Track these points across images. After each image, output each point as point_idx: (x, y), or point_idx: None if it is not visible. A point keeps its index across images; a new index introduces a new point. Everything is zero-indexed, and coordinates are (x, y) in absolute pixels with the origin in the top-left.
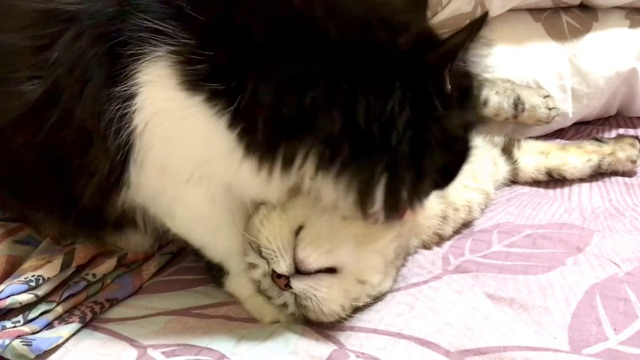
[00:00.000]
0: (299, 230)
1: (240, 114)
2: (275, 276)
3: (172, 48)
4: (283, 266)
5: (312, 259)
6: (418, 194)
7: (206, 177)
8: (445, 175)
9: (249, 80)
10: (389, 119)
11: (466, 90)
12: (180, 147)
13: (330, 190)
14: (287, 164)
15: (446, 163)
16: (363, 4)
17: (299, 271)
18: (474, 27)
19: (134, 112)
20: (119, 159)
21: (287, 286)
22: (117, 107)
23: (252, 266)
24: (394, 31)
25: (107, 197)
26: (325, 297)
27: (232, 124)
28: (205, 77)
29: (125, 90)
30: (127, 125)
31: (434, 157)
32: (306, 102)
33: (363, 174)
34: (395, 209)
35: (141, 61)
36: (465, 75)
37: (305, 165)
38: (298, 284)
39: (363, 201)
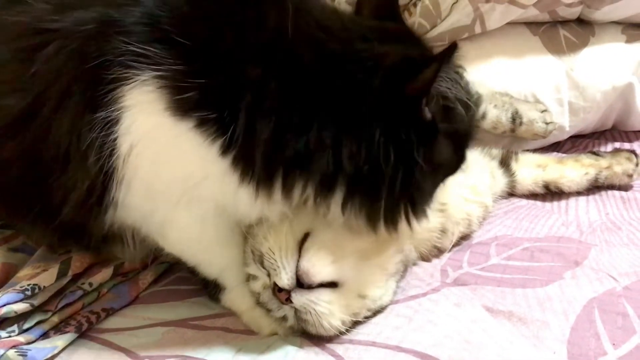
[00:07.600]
0: (303, 241)
1: (234, 142)
2: (276, 289)
3: (158, 73)
4: (284, 278)
5: (316, 270)
6: (416, 215)
7: (195, 199)
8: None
9: (241, 109)
10: (376, 163)
11: (449, 107)
12: (168, 170)
13: (337, 212)
14: (288, 192)
15: (439, 182)
16: (339, 37)
17: (301, 285)
18: (444, 58)
19: (118, 137)
20: (100, 180)
21: (288, 300)
22: (99, 132)
23: (252, 277)
24: (367, 68)
25: (89, 214)
26: (326, 311)
27: (225, 151)
28: (195, 104)
29: (109, 115)
30: (110, 150)
31: (426, 188)
32: (301, 144)
33: (364, 204)
34: (394, 228)
35: (125, 85)
36: (446, 95)
37: (306, 193)
38: (299, 299)
39: (372, 223)
